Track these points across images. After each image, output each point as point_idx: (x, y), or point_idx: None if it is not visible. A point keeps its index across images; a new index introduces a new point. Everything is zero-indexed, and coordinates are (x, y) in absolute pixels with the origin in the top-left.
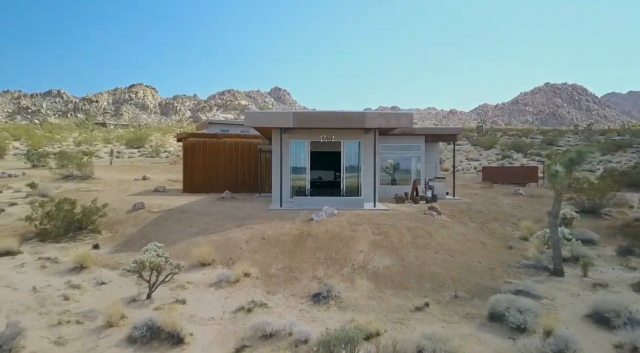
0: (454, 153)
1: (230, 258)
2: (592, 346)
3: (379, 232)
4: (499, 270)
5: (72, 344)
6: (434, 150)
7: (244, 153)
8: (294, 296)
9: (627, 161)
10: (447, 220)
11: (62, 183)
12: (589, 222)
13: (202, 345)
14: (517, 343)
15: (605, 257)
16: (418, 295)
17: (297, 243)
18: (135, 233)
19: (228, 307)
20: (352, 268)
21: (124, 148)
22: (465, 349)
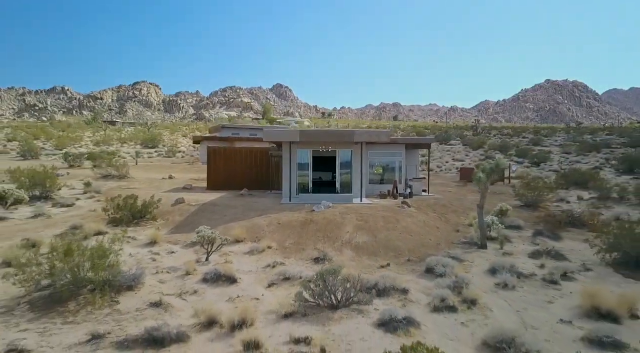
0: (429, 158)
1: (257, 237)
2: (481, 284)
3: (361, 219)
4: (443, 245)
5: (169, 283)
6: (414, 156)
7: (256, 157)
8: (302, 259)
9: (594, 162)
10: (414, 212)
11: (105, 182)
12: (525, 214)
13: (248, 284)
14: (435, 282)
15: (524, 238)
16: (384, 260)
17: (303, 226)
18: (182, 220)
19: (259, 266)
20: (341, 243)
21: (140, 148)
22: (404, 284)
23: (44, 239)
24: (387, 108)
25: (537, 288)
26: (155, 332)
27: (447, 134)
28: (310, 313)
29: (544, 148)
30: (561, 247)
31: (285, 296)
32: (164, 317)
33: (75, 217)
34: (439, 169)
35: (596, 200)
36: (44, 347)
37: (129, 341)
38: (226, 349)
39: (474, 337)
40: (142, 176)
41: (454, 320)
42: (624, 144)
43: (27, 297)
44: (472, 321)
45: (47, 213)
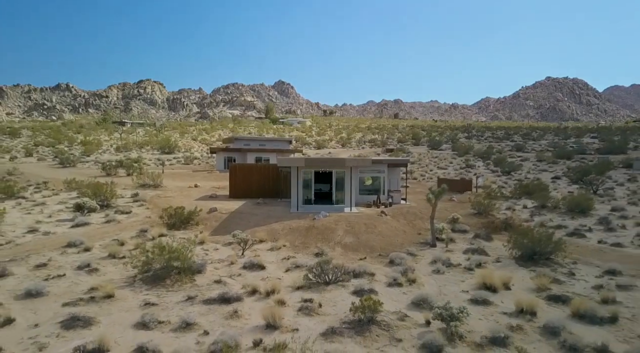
0: (406, 174)
1: (275, 238)
2: (422, 270)
3: (349, 226)
4: (406, 244)
5: (221, 270)
6: (395, 171)
7: (269, 171)
8: (307, 254)
9: (559, 170)
10: (389, 219)
11: (144, 190)
12: (474, 220)
13: (272, 269)
14: (392, 268)
15: (465, 239)
16: (362, 254)
17: (307, 231)
18: (218, 225)
19: (278, 258)
20: (334, 242)
21: (159, 153)
22: (372, 270)
23: (126, 239)
24: (388, 105)
25: (458, 273)
26: (224, 295)
27: (439, 140)
28: (313, 286)
29: (524, 153)
30: (488, 246)
31: (297, 277)
32: (224, 288)
33: (137, 222)
34: (422, 178)
35: (535, 208)
36: (162, 302)
37: (209, 300)
38: (266, 305)
39: (407, 299)
40: (172, 184)
41: (399, 291)
42: (597, 150)
43: (138, 276)
44: (409, 291)
45: (116, 219)
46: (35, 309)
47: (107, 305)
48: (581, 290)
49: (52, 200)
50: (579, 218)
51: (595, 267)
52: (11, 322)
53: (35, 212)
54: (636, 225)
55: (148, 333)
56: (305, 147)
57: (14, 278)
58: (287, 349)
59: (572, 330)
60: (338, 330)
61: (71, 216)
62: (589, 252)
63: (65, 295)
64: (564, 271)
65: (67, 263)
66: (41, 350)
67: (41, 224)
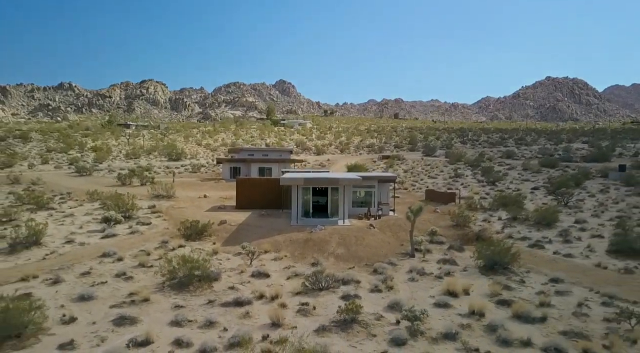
0: (394, 191)
1: (277, 249)
2: (400, 278)
3: (341, 238)
4: (389, 255)
5: (233, 277)
6: (385, 186)
7: (271, 185)
8: (305, 264)
9: (541, 179)
10: (377, 232)
11: (158, 201)
12: (452, 231)
13: (275, 277)
14: (375, 276)
15: (441, 250)
16: (351, 264)
17: (305, 242)
18: (228, 236)
19: (280, 267)
20: (327, 253)
21: (166, 160)
22: (358, 278)
23: (151, 250)
24: (388, 104)
25: (429, 281)
26: (238, 299)
27: (433, 146)
28: (309, 292)
29: (514, 161)
30: (460, 256)
31: (296, 284)
32: (237, 293)
33: (157, 233)
34: (413, 187)
35: (508, 220)
36: (188, 305)
37: (225, 303)
38: (271, 307)
39: (384, 303)
40: (183, 194)
41: (378, 296)
42: (583, 157)
43: (166, 283)
44: (387, 296)
45: (139, 230)
46: (90, 310)
47: (145, 307)
48: (526, 295)
49: (78, 211)
50: (544, 230)
51: (543, 275)
52: (74, 320)
53: (67, 223)
54: (591, 236)
55: (180, 330)
56: (305, 152)
57: (66, 284)
58: (287, 342)
59: (509, 327)
60: (327, 328)
61: (99, 227)
62: (543, 261)
63: (111, 299)
64: (516, 279)
65: (106, 272)
66: (103, 341)
67: (75, 235)
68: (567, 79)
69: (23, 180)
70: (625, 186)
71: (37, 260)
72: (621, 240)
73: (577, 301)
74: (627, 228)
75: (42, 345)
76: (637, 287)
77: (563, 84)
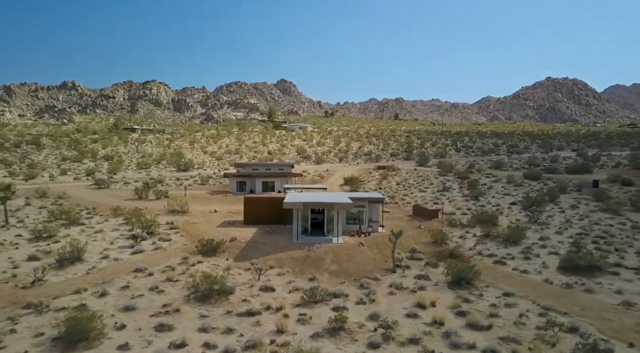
0: (383, 209)
1: (281, 265)
2: (381, 292)
3: (334, 256)
4: (374, 271)
5: (245, 291)
6: (375, 206)
7: (275, 203)
8: (303, 279)
9: (522, 193)
10: (365, 249)
11: (174, 216)
12: (430, 248)
13: (279, 291)
14: (361, 290)
15: (419, 266)
16: (342, 279)
17: (304, 259)
18: (238, 253)
19: (283, 281)
20: (323, 269)
21: (175, 170)
22: (347, 292)
23: (175, 265)
24: (389, 104)
25: (405, 294)
26: (250, 310)
27: (427, 156)
28: (307, 304)
29: (501, 171)
30: (434, 272)
31: (296, 297)
32: (249, 305)
33: (178, 249)
34: (403, 201)
35: (480, 237)
36: (211, 315)
37: (240, 313)
38: (277, 317)
39: (367, 313)
40: (195, 209)
41: (362, 307)
42: (566, 168)
43: (191, 296)
44: (369, 308)
45: (162, 246)
46: (134, 318)
47: (178, 316)
48: (481, 307)
49: (105, 226)
50: (510, 247)
51: (499, 289)
52: (124, 327)
53: (99, 239)
54: (549, 253)
55: (207, 335)
56: (305, 161)
57: (111, 296)
58: (289, 345)
59: (461, 334)
60: (320, 334)
61: (128, 243)
62: (502, 277)
63: (149, 309)
64: (476, 293)
65: (142, 286)
66: (149, 344)
67: (109, 251)
68: (567, 80)
69: (49, 193)
70: (595, 201)
71: (82, 274)
72: (569, 258)
73: (520, 312)
74: (580, 246)
75: (104, 346)
76: (572, 300)
77: (563, 85)
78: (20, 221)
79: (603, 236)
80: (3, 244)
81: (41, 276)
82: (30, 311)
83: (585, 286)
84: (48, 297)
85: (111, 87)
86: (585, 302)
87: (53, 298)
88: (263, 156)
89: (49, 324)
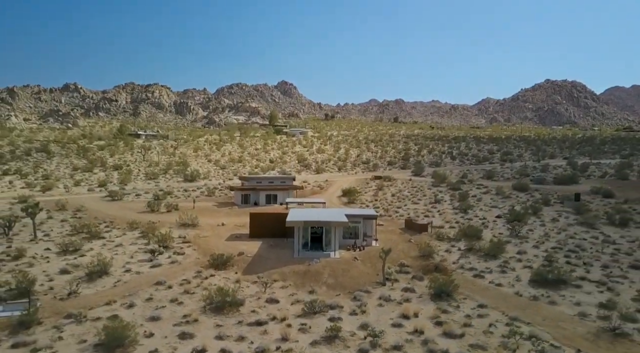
0: (376, 226)
1: (284, 278)
2: (371, 303)
3: (331, 270)
4: (367, 284)
5: (253, 302)
6: (369, 222)
7: (279, 218)
8: (304, 291)
9: (508, 206)
10: (359, 264)
11: (185, 230)
12: (418, 262)
13: (283, 303)
14: (354, 302)
15: (406, 279)
16: (338, 291)
17: (305, 273)
18: (246, 267)
19: (286, 294)
20: (321, 283)
21: (182, 180)
22: (342, 304)
23: (190, 278)
24: (389, 105)
25: (392, 305)
26: (258, 320)
27: (422, 166)
28: (307, 315)
29: (492, 182)
30: (420, 284)
31: (298, 308)
32: (257, 316)
33: (191, 263)
34: (397, 214)
35: (464, 251)
36: (225, 324)
37: (250, 323)
38: (281, 326)
39: (358, 323)
40: (204, 222)
41: (355, 318)
42: (555, 179)
43: (206, 307)
44: (360, 318)
45: (177, 260)
46: (160, 327)
47: (197, 326)
48: (457, 317)
49: (124, 240)
50: (490, 261)
51: (475, 301)
52: (152, 335)
53: (120, 252)
54: (523, 267)
55: (223, 342)
56: (305, 170)
57: (137, 308)
58: (292, 351)
59: (437, 341)
60: (318, 341)
61: (146, 257)
62: (479, 290)
63: (172, 319)
64: (454, 305)
65: (163, 297)
66: (175, 350)
67: (130, 265)
68: (566, 82)
69: (68, 206)
70: (575, 214)
71: (110, 287)
72: (539, 272)
73: (490, 322)
74: (552, 260)
75: (138, 352)
76: (536, 311)
77: (562, 87)
78: (46, 235)
79: (575, 250)
80: (35, 258)
81: (75, 289)
82: (72, 321)
83: (550, 298)
84: (84, 308)
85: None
86: (547, 313)
87: (89, 309)
88: (265, 164)
89: (89, 332)
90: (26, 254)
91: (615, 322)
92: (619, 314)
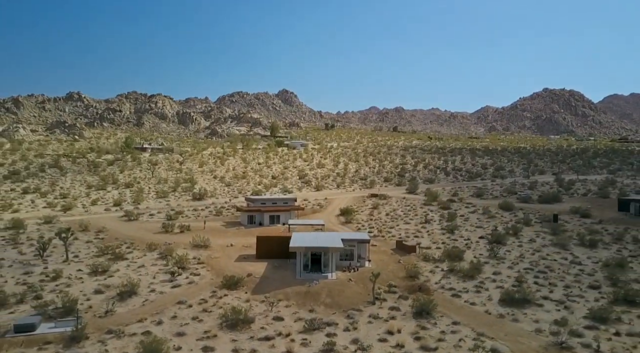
0: (369, 249)
1: (287, 298)
2: (362, 320)
3: (328, 290)
4: (359, 303)
5: (262, 320)
6: (363, 245)
7: (282, 241)
8: (304, 310)
9: (493, 225)
10: (353, 284)
11: (198, 251)
12: (405, 282)
13: (288, 320)
14: (348, 319)
15: (393, 299)
16: (335, 310)
17: (305, 294)
18: (254, 287)
19: (290, 313)
20: (320, 302)
21: (190, 199)
22: (337, 321)
23: (207, 298)
24: (389, 113)
25: (380, 323)
26: (266, 336)
27: (416, 183)
28: (307, 331)
29: (481, 200)
30: (404, 303)
31: (300, 325)
32: (266, 332)
33: (207, 284)
34: (389, 234)
35: (446, 272)
36: (239, 339)
37: (260, 338)
38: (286, 341)
39: (350, 338)
40: (215, 242)
41: (347, 334)
42: (540, 197)
43: (222, 324)
44: (352, 334)
45: (194, 281)
46: (185, 342)
47: (216, 340)
48: (433, 333)
49: (145, 261)
50: (467, 282)
51: (450, 319)
52: (180, 348)
53: (143, 273)
54: (496, 287)
55: None
56: (306, 187)
57: (165, 324)
58: None
59: None
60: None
61: (167, 277)
62: (454, 308)
63: (195, 335)
64: (432, 322)
65: (185, 315)
66: None
67: (154, 285)
68: (563, 91)
69: (90, 227)
70: (551, 235)
71: (139, 306)
72: (508, 292)
73: (460, 337)
74: (522, 281)
75: None
76: (500, 327)
77: (560, 96)
78: (75, 256)
79: (544, 271)
80: (70, 278)
81: (112, 308)
82: (112, 336)
83: (514, 316)
84: (121, 324)
85: (116, 98)
86: (509, 329)
87: (125, 326)
88: (267, 181)
89: (129, 345)
90: (62, 275)
91: (563, 336)
92: (569, 330)
